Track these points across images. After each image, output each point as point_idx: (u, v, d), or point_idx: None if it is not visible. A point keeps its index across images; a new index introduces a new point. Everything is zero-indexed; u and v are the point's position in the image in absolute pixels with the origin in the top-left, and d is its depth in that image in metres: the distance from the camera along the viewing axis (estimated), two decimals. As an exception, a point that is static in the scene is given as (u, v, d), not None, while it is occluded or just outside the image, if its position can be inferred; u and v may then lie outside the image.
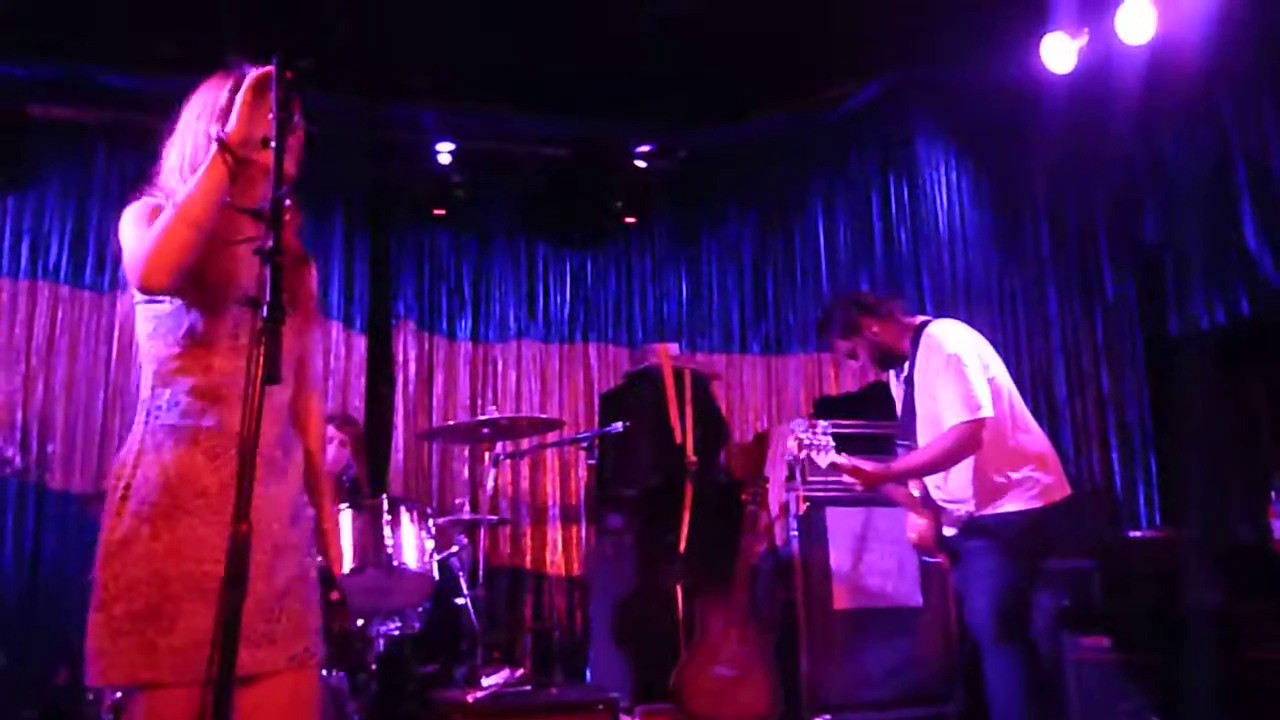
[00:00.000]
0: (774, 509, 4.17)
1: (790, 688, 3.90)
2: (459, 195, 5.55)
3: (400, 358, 5.58)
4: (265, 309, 1.42)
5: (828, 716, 3.93)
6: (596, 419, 5.46)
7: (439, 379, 5.70)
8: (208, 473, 1.74)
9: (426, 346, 5.68)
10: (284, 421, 1.89)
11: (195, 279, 1.76)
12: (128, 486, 1.74)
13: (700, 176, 5.97)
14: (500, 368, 5.81)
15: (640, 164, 5.74)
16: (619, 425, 4.35)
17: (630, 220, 5.88)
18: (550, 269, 6.04)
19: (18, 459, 4.90)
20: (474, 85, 5.03)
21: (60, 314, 5.10)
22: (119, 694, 3.19)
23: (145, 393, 1.82)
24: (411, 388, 5.58)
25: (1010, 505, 2.96)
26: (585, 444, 4.65)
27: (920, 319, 3.21)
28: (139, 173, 5.08)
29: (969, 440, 2.92)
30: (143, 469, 1.75)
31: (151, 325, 1.84)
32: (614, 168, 5.73)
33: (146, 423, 1.79)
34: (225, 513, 1.52)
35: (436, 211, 5.62)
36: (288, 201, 1.53)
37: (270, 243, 1.48)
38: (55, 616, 4.51)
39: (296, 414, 1.98)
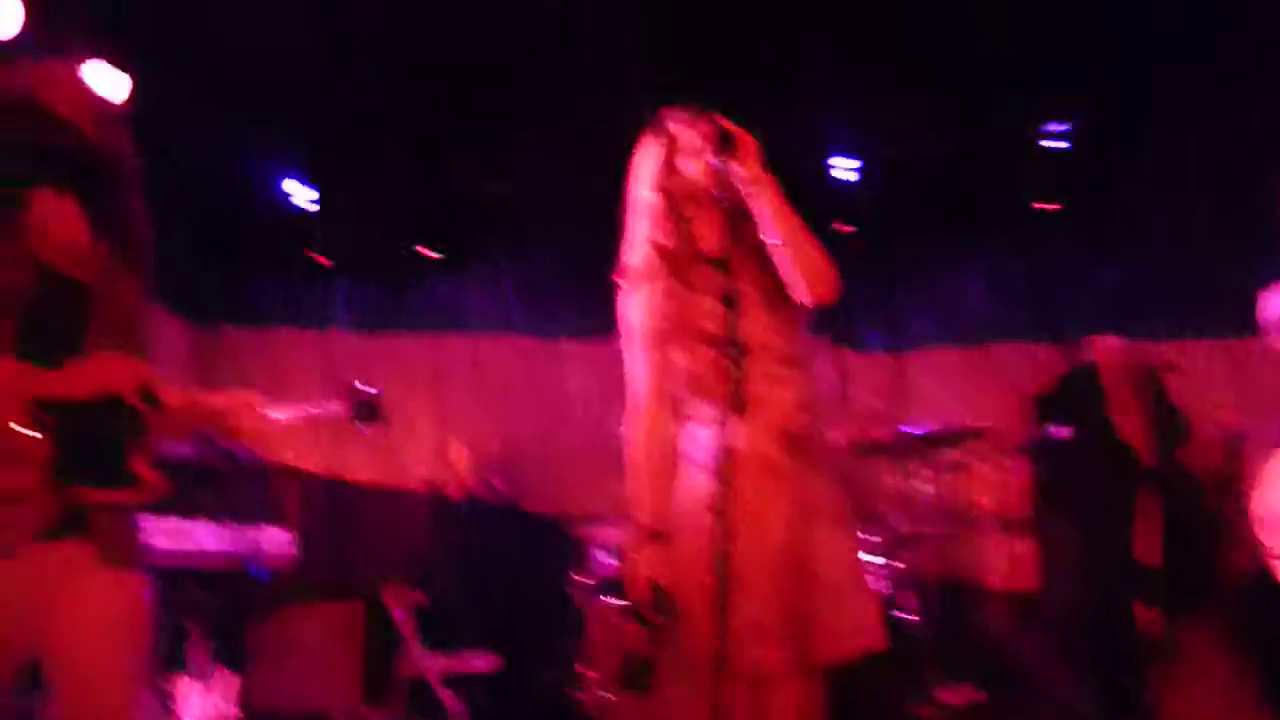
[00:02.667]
0: (1264, 518, 3.62)
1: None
2: (860, 207, 5.52)
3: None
4: (729, 348, 1.53)
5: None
6: (1029, 424, 5.12)
7: (855, 393, 5.70)
8: (707, 492, 1.90)
9: (841, 360, 5.71)
10: (788, 423, 2.01)
11: (679, 327, 1.97)
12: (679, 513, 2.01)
13: (1119, 147, 5.38)
14: (917, 376, 5.68)
15: (1046, 144, 5.33)
16: (1059, 429, 4.05)
17: (1049, 207, 5.46)
18: (959, 268, 5.80)
19: (501, 487, 5.72)
20: (862, 91, 5.02)
21: (521, 360, 5.88)
22: (604, 693, 3.57)
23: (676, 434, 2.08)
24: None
25: None
26: (1021, 451, 4.38)
27: None
28: (569, 230, 5.62)
29: None
30: (674, 497, 1.99)
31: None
32: (1016, 152, 5.39)
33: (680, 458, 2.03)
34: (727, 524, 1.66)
35: (838, 227, 5.63)
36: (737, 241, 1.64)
37: (726, 284, 1.59)
38: (541, 625, 5.11)
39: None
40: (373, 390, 2.41)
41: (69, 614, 1.84)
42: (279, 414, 2.21)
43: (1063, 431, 4.00)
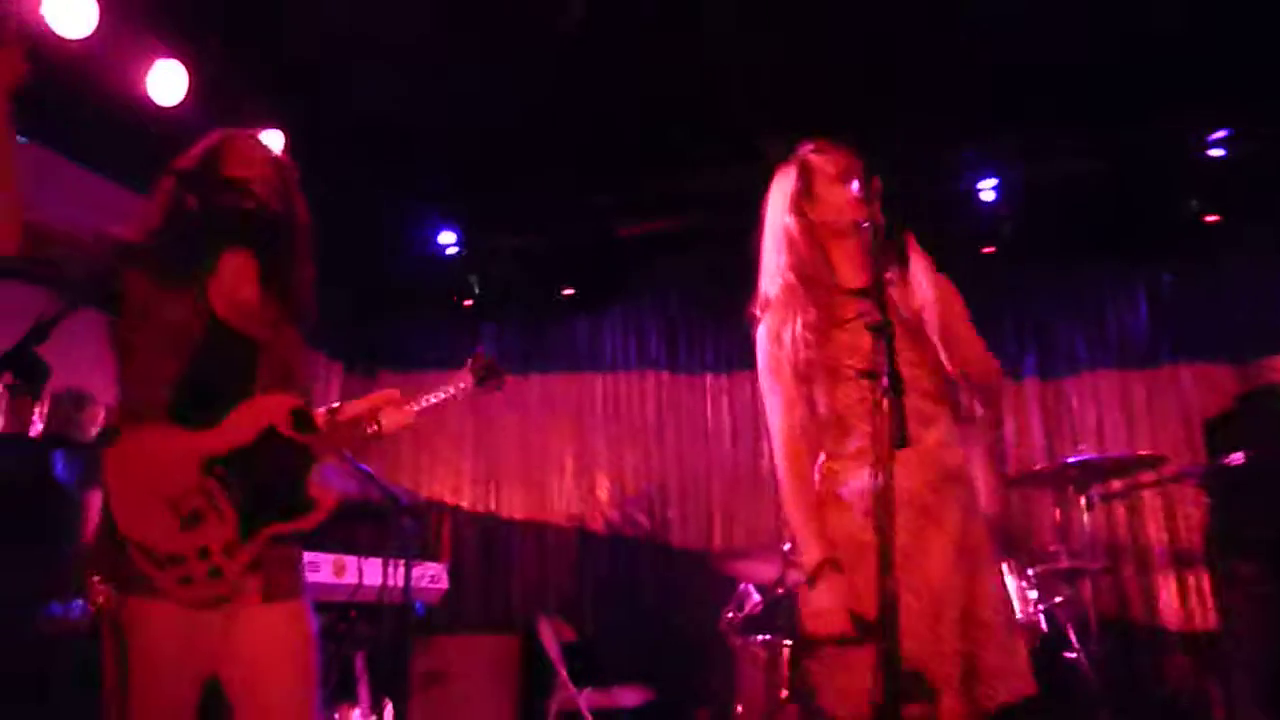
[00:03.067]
0: None
1: None
2: (1007, 230, 5.33)
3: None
4: (885, 379, 1.50)
5: None
6: (1203, 450, 4.79)
7: (1008, 421, 5.47)
8: (864, 531, 1.86)
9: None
10: (938, 463, 1.95)
11: (823, 360, 1.94)
12: (793, 549, 1.99)
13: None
14: (1075, 403, 5.40)
15: (1214, 153, 5.02)
16: (1239, 456, 3.77)
17: (1212, 219, 5.13)
18: (1119, 289, 5.50)
19: (646, 522, 5.76)
20: (1005, 110, 4.87)
21: (663, 396, 5.94)
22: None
23: (818, 471, 2.04)
24: (980, 433, 5.44)
25: None
26: (1196, 480, 4.10)
27: None
28: (706, 266, 5.69)
29: None
30: (803, 538, 1.96)
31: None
32: (1180, 165, 5.09)
33: (818, 497, 2.00)
34: (874, 566, 1.61)
35: (985, 250, 5.46)
36: (888, 274, 1.62)
37: (878, 317, 1.57)
38: (690, 658, 5.09)
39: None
40: (490, 354, 2.55)
41: (248, 642, 1.97)
42: (418, 404, 2.30)
43: (1241, 458, 3.72)
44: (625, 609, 5.62)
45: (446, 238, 5.97)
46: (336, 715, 3.95)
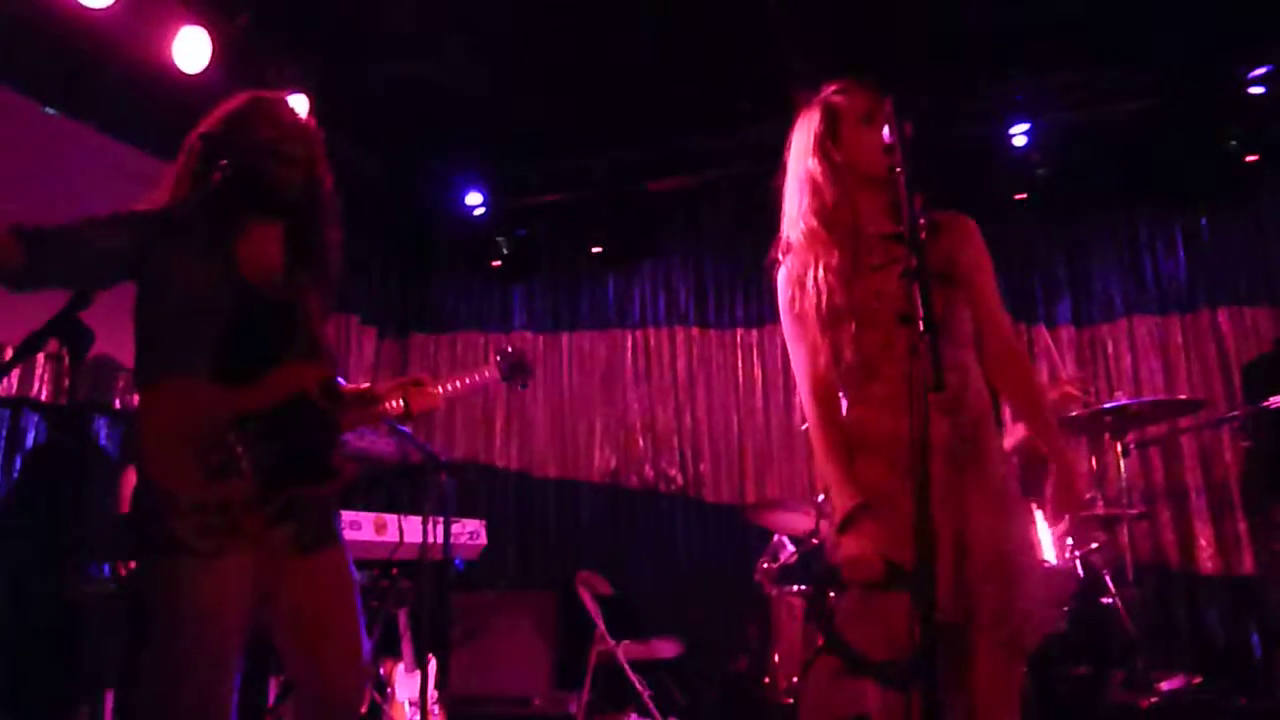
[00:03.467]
0: None
1: None
2: (1040, 174, 5.23)
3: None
4: (920, 323, 1.50)
5: None
6: (1240, 394, 4.73)
7: (1042, 369, 5.42)
8: (889, 479, 1.87)
9: (1026, 337, 5.45)
10: (964, 409, 1.93)
11: (848, 306, 1.92)
12: (826, 500, 1.99)
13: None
14: (1111, 349, 5.34)
15: (1256, 90, 4.88)
16: (1277, 399, 3.72)
17: (1253, 158, 5.00)
18: (1157, 232, 5.40)
19: (679, 477, 5.80)
20: (1037, 52, 4.77)
21: (694, 352, 5.94)
22: (794, 679, 3.57)
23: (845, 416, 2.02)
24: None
25: None
26: (1235, 425, 4.05)
27: None
28: (736, 220, 5.67)
29: None
30: (835, 485, 1.94)
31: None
32: (1221, 103, 4.96)
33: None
34: (904, 512, 1.61)
35: (1017, 196, 5.37)
36: (921, 220, 1.60)
37: (914, 262, 1.56)
38: (726, 612, 5.14)
39: (996, 380, 2.03)
40: (519, 350, 2.55)
41: (290, 587, 2.02)
42: (444, 386, 2.32)
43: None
44: (660, 562, 5.69)
45: (474, 199, 5.97)
46: (381, 671, 4.04)
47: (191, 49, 4.14)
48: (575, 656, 4.73)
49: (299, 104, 4.21)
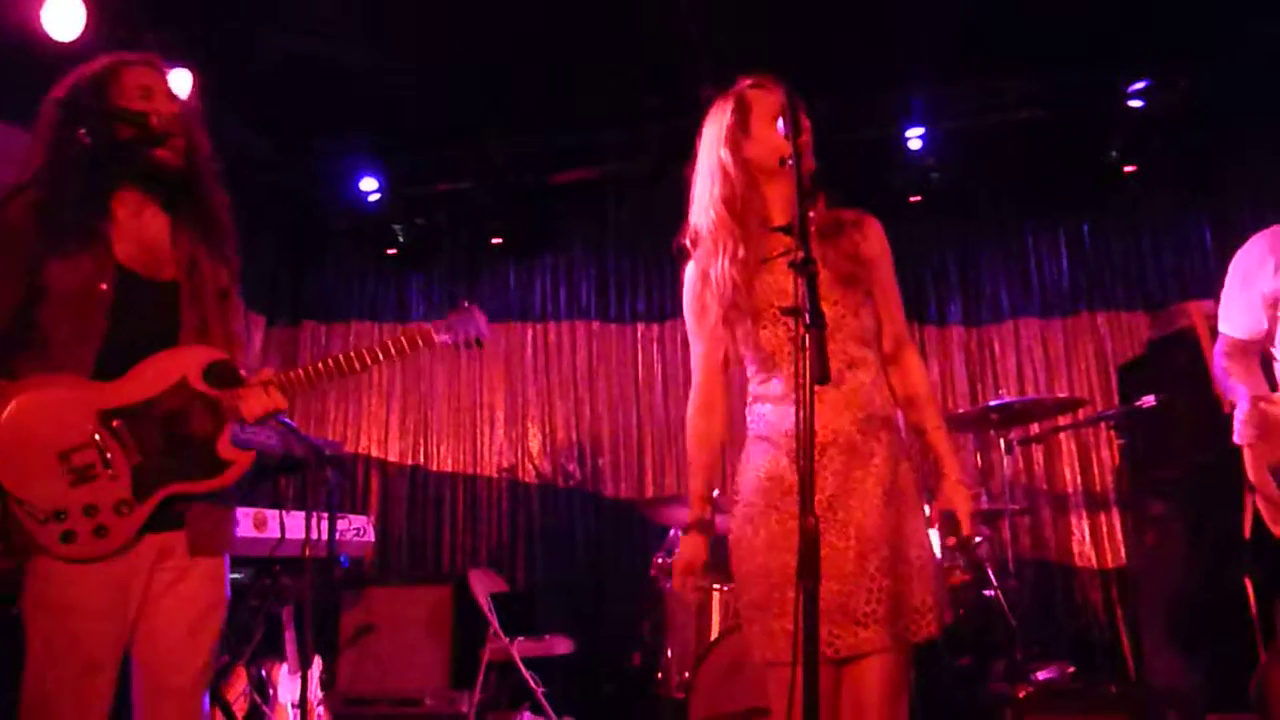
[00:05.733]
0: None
1: None
2: (935, 178, 5.37)
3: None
4: (807, 316, 1.49)
5: None
6: (1116, 394, 4.95)
7: (933, 367, 5.57)
8: (790, 472, 1.89)
9: (917, 335, 5.59)
10: (866, 405, 1.96)
11: (748, 298, 1.92)
12: (737, 493, 1.99)
13: (1214, 105, 5.14)
14: (997, 349, 5.53)
15: (1134, 104, 5.11)
16: (1150, 399, 3.89)
17: (1131, 169, 5.24)
18: (1043, 238, 5.61)
19: (577, 472, 5.76)
20: (935, 60, 4.89)
21: (595, 345, 5.91)
22: (686, 674, 3.57)
23: (745, 411, 2.05)
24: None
25: None
26: (1110, 423, 4.23)
27: None
28: (638, 215, 5.66)
29: None
30: (744, 476, 1.98)
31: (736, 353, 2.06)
32: (1103, 115, 5.19)
33: (745, 437, 2.02)
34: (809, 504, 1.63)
35: (912, 199, 5.50)
36: (811, 214, 1.60)
37: (801, 255, 1.55)
38: (621, 605, 5.14)
39: (894, 380, 2.06)
40: (470, 308, 2.28)
41: (160, 600, 1.90)
42: (370, 354, 2.09)
43: (1151, 401, 3.84)
44: (557, 558, 5.64)
45: (369, 184, 5.79)
46: (263, 673, 3.89)
47: (64, 15, 3.89)
48: (469, 654, 4.65)
49: (182, 79, 4.01)
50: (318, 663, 4.12)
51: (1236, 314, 2.57)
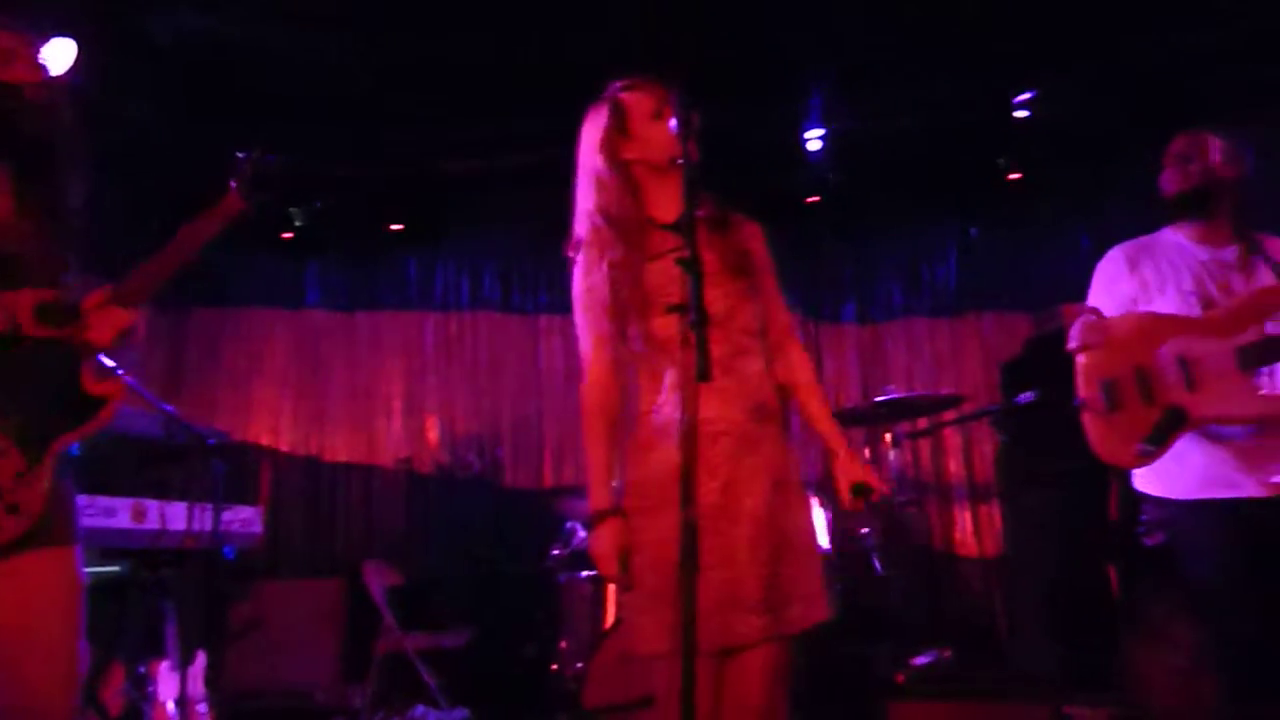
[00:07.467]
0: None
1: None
2: (832, 180, 5.51)
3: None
4: (692, 313, 1.52)
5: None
6: (1000, 391, 5.17)
7: (827, 364, 5.73)
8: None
9: (812, 333, 5.73)
10: (756, 394, 2.00)
11: (636, 296, 1.94)
12: (631, 486, 1.99)
13: (1095, 117, 5.40)
14: (889, 347, 5.71)
15: (1021, 114, 5.33)
16: (1028, 395, 4.08)
17: (1017, 176, 5.47)
18: (933, 241, 5.82)
19: (476, 463, 5.72)
20: (836, 65, 5.01)
21: (496, 336, 5.88)
22: (579, 664, 3.60)
23: (640, 405, 2.05)
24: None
25: None
26: (991, 419, 4.42)
27: None
28: (541, 205, 5.62)
29: None
30: (639, 469, 1.98)
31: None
32: (992, 124, 5.39)
33: (641, 430, 2.02)
34: (700, 497, 1.66)
35: (810, 199, 5.63)
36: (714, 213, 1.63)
37: (687, 252, 1.58)
38: (518, 596, 5.13)
39: (779, 369, 2.09)
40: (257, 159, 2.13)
41: (10, 591, 1.80)
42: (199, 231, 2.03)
43: (1029, 398, 4.03)
44: (454, 550, 5.59)
45: (249, 159, 5.58)
46: (143, 669, 3.76)
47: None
48: (363, 648, 4.59)
49: (62, 50, 3.81)
50: (203, 658, 4.00)
51: (1101, 306, 2.72)
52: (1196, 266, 2.52)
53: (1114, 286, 2.67)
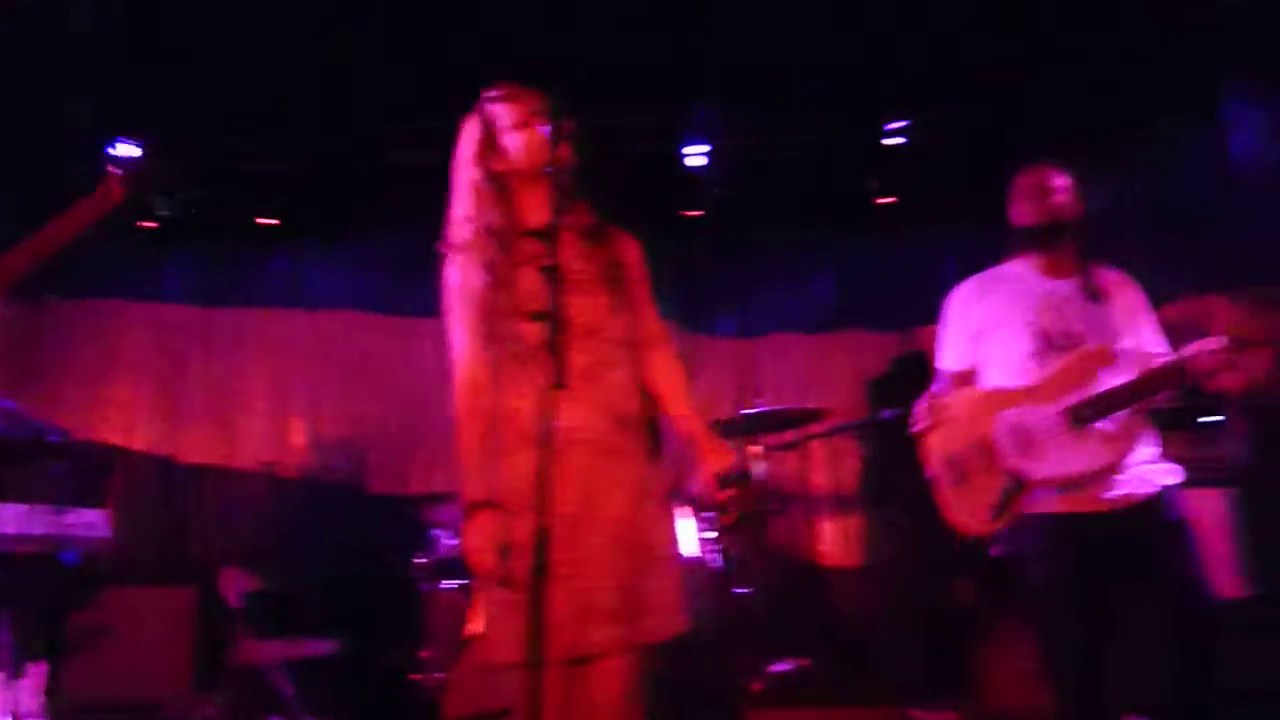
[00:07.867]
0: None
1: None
2: (715, 194, 5.61)
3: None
4: (551, 322, 1.53)
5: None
6: (866, 407, 5.36)
7: (703, 375, 5.82)
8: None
9: (689, 344, 5.81)
10: (622, 404, 2.02)
11: (506, 301, 1.95)
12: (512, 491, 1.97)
13: (963, 147, 5.66)
14: (763, 361, 5.85)
15: (891, 141, 5.56)
16: (889, 412, 4.25)
17: (889, 200, 5.69)
18: (810, 259, 5.99)
19: (343, 467, 5.57)
20: (721, 86, 5.11)
21: (368, 337, 5.74)
22: (441, 674, 3.54)
23: (504, 407, 2.02)
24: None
25: None
26: (855, 433, 4.58)
27: None
28: (421, 206, 5.52)
29: None
30: (497, 473, 1.97)
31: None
32: (866, 149, 5.60)
33: (503, 433, 2.01)
34: (558, 505, 1.67)
35: (692, 213, 5.71)
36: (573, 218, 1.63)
37: (550, 261, 1.59)
38: (380, 608, 5.01)
39: (648, 376, 2.11)
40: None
41: None
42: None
43: (891, 414, 4.19)
44: (317, 557, 5.42)
45: (126, 150, 5.32)
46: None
47: None
48: (217, 659, 4.41)
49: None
50: (41, 670, 3.77)
51: (949, 349, 2.85)
52: (1037, 298, 2.67)
53: (964, 319, 2.80)
